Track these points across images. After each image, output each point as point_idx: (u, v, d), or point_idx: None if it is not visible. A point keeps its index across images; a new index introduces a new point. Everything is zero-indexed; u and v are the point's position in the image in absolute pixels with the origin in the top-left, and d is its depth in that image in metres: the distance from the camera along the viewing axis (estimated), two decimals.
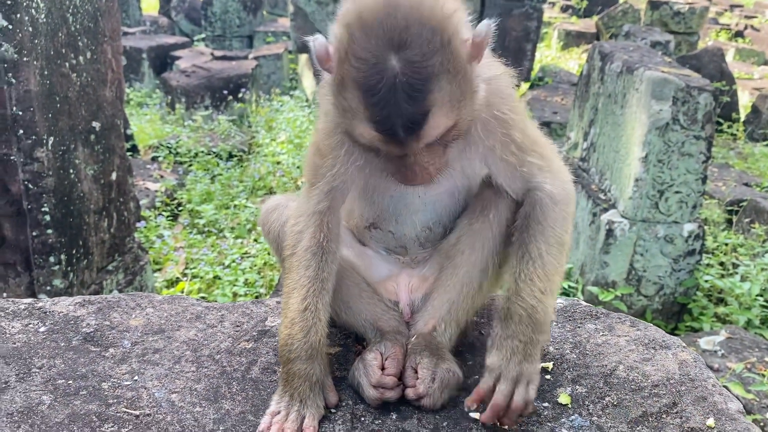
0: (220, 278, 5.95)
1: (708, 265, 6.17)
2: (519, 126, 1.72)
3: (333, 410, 1.73)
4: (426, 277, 1.93)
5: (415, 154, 1.49)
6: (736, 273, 5.98)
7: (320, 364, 1.72)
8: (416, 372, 1.73)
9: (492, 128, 1.68)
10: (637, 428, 1.64)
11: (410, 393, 1.71)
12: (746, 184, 8.11)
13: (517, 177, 1.75)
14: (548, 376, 1.83)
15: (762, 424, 4.09)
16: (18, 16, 3.58)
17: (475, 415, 1.68)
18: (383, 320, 1.86)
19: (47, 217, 3.97)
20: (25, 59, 3.65)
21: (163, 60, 12.25)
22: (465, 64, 1.45)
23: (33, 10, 3.68)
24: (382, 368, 1.73)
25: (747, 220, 7.02)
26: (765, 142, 9.99)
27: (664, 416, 1.67)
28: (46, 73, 3.81)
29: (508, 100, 1.68)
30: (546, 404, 1.74)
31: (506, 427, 1.64)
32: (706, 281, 5.82)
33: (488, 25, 1.47)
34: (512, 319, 1.66)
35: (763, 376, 4.47)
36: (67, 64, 4.01)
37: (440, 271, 1.87)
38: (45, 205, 3.94)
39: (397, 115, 1.39)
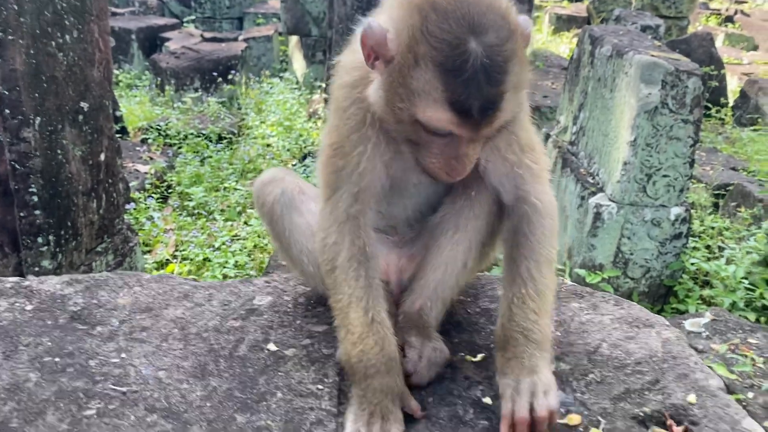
0: (210, 260, 5.95)
1: (694, 248, 6.22)
2: (524, 125, 1.73)
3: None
4: (414, 257, 1.94)
5: (476, 142, 1.49)
6: (722, 256, 6.04)
7: (399, 375, 1.66)
8: (403, 350, 1.74)
9: None
10: (620, 404, 1.67)
11: None
12: (733, 169, 8.16)
13: (512, 178, 1.74)
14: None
15: (745, 403, 4.16)
16: None
17: None
18: None
19: (35, 198, 3.95)
20: (10, 38, 3.61)
21: (152, 41, 12.14)
22: (524, 52, 1.48)
23: None
24: None
25: (733, 204, 7.08)
26: (752, 127, 10.04)
27: (646, 393, 1.70)
28: (32, 52, 3.77)
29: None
30: None
31: None
32: (692, 264, 5.87)
33: (527, 19, 1.51)
34: (510, 344, 1.65)
35: (746, 356, 4.53)
36: (53, 43, 3.97)
37: (426, 251, 1.88)
38: (32, 185, 3.92)
39: (476, 97, 1.40)
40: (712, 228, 6.64)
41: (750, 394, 4.25)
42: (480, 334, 1.93)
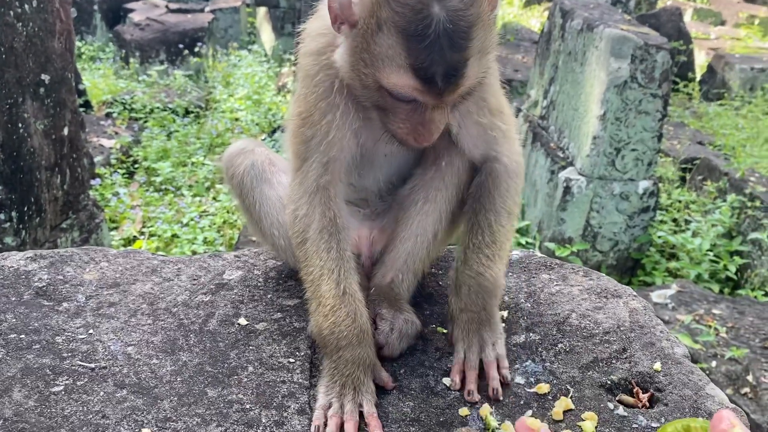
0: (178, 237, 5.89)
1: (661, 221, 6.33)
2: (494, 89, 1.73)
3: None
4: (385, 229, 1.93)
5: (440, 108, 1.48)
6: (688, 229, 6.16)
7: (371, 346, 1.65)
8: (375, 323, 1.74)
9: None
10: (588, 373, 1.70)
11: None
12: (700, 143, 8.29)
13: (482, 141, 1.75)
14: (503, 324, 1.86)
15: (708, 372, 4.27)
16: None
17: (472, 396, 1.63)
18: None
19: None
20: None
21: (115, 12, 11.83)
22: (490, 17, 1.46)
23: None
24: None
25: (700, 177, 7.21)
26: (719, 102, 10.19)
27: (614, 361, 1.73)
28: None
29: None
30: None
31: (491, 396, 1.62)
32: (659, 237, 5.98)
33: None
34: (461, 290, 1.72)
35: (710, 327, 4.64)
36: (11, 13, 3.84)
37: (397, 223, 1.88)
38: None
39: (439, 63, 1.38)
40: (679, 201, 6.76)
41: (713, 363, 4.38)
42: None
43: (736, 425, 1.05)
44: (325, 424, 1.53)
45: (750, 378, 4.19)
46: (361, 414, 1.56)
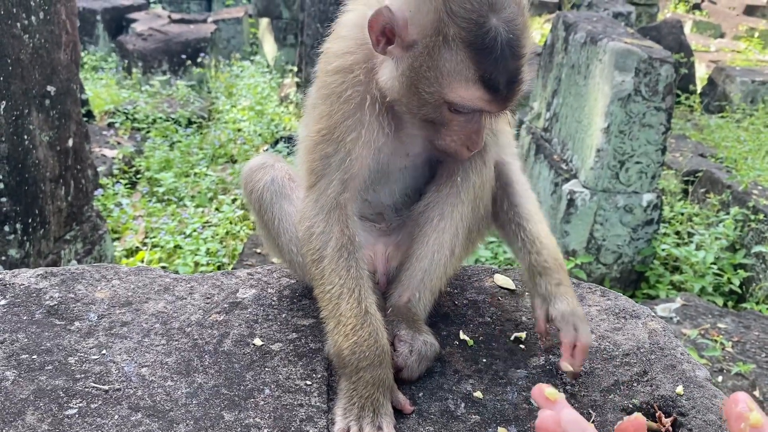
0: (181, 248, 5.86)
1: (665, 234, 6.32)
2: None
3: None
4: (401, 246, 1.92)
5: (497, 116, 1.58)
6: (692, 242, 6.14)
7: (389, 368, 1.63)
8: (393, 344, 1.72)
9: None
10: (610, 396, 1.67)
11: None
12: (702, 155, 8.29)
13: (495, 146, 1.83)
14: (522, 346, 1.84)
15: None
16: None
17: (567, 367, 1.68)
18: None
19: (1, 185, 3.83)
20: None
21: (118, 23, 11.84)
22: (530, 23, 1.54)
23: None
24: None
25: (702, 190, 7.20)
26: (720, 114, 10.21)
27: (635, 384, 1.71)
28: None
29: None
30: (520, 371, 1.75)
31: (575, 370, 1.67)
32: (663, 250, 5.97)
33: None
34: (549, 271, 1.77)
35: (716, 341, 4.62)
36: (18, 25, 3.83)
37: (412, 241, 1.86)
38: None
39: (504, 73, 1.47)
40: (682, 214, 6.75)
41: (720, 378, 4.35)
42: (468, 326, 1.92)
43: (753, 408, 0.98)
44: None
45: (757, 393, 4.16)
46: None
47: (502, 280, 2.10)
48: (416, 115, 1.58)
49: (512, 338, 1.87)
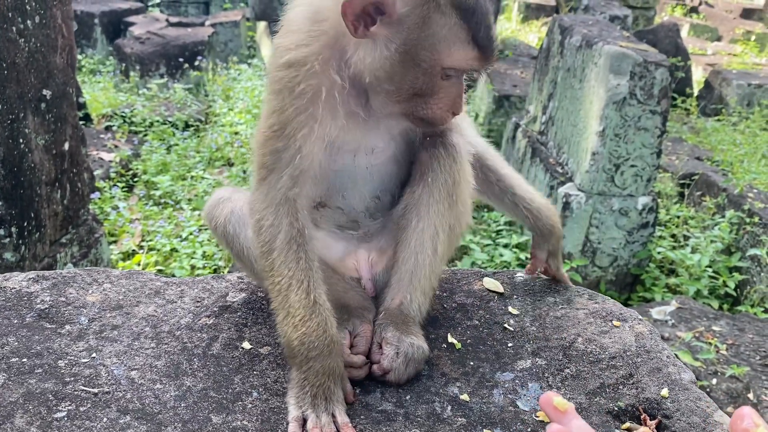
0: (177, 251, 5.87)
1: (660, 237, 6.34)
2: None
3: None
4: (384, 250, 1.93)
5: (479, 75, 1.70)
6: (687, 245, 6.16)
7: (340, 357, 1.66)
8: (380, 347, 1.73)
9: None
10: (595, 399, 1.69)
11: (376, 369, 1.71)
12: (698, 158, 8.31)
13: (462, 139, 1.89)
14: (509, 348, 1.85)
15: (708, 389, 4.26)
16: None
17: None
18: (348, 296, 1.85)
19: None
20: None
21: (116, 26, 11.86)
22: None
23: None
24: (351, 346, 1.73)
25: (698, 193, 7.22)
26: (717, 117, 10.24)
27: (620, 387, 1.72)
28: None
29: None
30: (507, 374, 1.76)
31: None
32: (659, 253, 5.98)
33: None
34: (552, 231, 2.08)
35: (710, 344, 4.63)
36: (14, 29, 3.84)
37: (395, 244, 1.87)
38: None
39: (490, 29, 1.55)
40: (678, 217, 6.77)
41: (714, 381, 4.36)
42: (456, 329, 1.93)
43: (760, 425, 0.96)
44: None
45: (751, 396, 4.17)
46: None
47: (492, 284, 2.11)
48: (405, 90, 1.60)
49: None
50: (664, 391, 1.69)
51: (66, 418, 1.57)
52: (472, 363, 1.80)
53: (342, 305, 1.82)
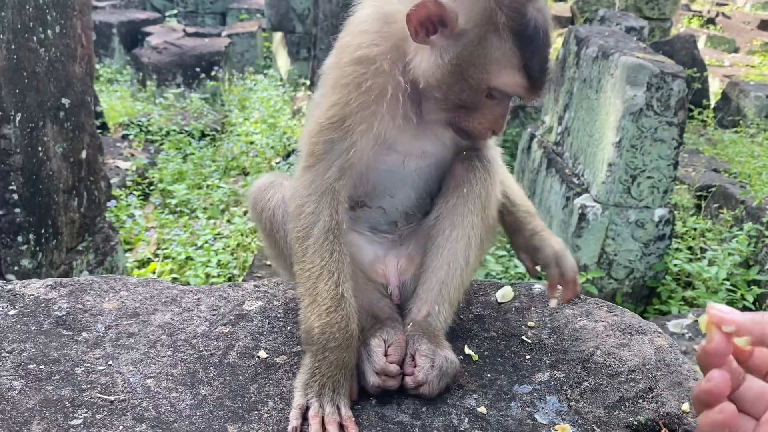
0: (192, 259, 5.89)
1: (677, 249, 6.27)
2: None
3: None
4: (412, 257, 1.92)
5: (527, 102, 1.70)
6: (704, 257, 6.09)
7: (355, 352, 1.68)
8: (414, 359, 1.71)
9: None
10: (614, 413, 1.66)
11: (409, 381, 1.68)
12: (715, 170, 8.23)
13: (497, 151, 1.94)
14: (527, 360, 1.83)
15: None
16: None
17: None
18: (378, 307, 1.83)
19: (15, 196, 3.88)
20: None
21: (133, 36, 11.99)
22: None
23: None
24: (385, 354, 1.71)
25: (715, 205, 7.15)
26: (734, 129, 10.15)
27: (640, 401, 1.69)
28: (13, 47, 3.69)
29: None
30: (524, 386, 1.75)
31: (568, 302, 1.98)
32: (675, 265, 5.92)
33: None
34: (523, 224, 1.99)
35: None
36: (35, 38, 3.89)
37: (425, 254, 1.87)
38: (13, 183, 3.84)
39: (541, 61, 1.57)
40: (695, 229, 6.70)
41: None
42: (473, 341, 1.91)
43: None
44: (302, 425, 1.56)
45: None
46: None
47: (509, 295, 2.10)
48: (451, 100, 1.64)
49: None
50: (685, 406, 1.66)
51: (82, 426, 1.57)
52: (489, 375, 1.79)
53: (371, 313, 1.81)
